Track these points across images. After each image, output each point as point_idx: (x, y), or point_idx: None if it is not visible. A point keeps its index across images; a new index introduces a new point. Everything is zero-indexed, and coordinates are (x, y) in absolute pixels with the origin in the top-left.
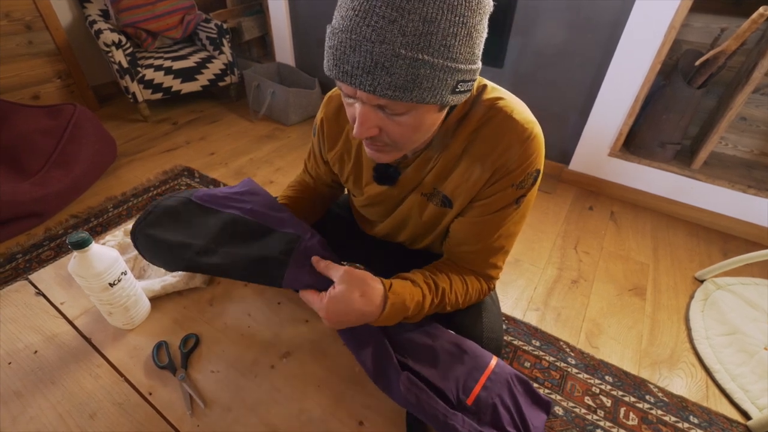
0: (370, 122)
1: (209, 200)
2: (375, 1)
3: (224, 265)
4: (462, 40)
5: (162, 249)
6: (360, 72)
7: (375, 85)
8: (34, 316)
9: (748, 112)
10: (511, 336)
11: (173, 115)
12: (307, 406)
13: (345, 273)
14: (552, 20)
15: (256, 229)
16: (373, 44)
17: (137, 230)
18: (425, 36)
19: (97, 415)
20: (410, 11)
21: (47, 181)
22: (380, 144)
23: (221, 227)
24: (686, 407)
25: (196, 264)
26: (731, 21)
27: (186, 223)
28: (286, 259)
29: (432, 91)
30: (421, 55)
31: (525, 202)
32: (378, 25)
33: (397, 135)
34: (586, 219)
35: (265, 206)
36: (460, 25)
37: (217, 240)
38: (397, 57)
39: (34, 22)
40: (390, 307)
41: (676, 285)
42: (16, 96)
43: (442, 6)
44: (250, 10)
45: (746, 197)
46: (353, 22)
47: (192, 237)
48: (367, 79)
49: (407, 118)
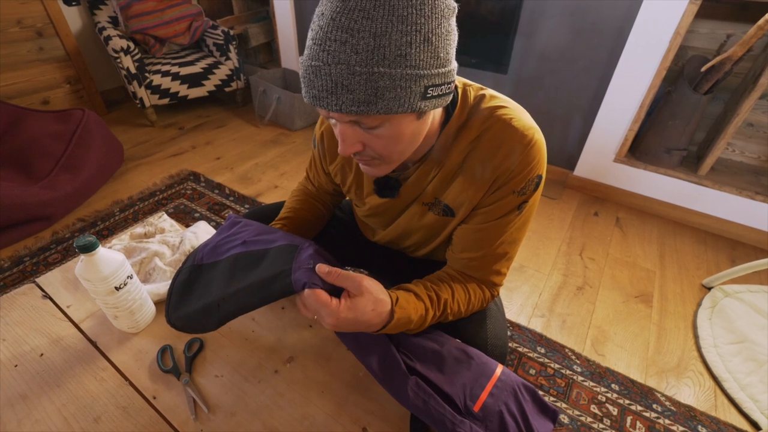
0: (351, 139)
1: (210, 256)
2: (328, 28)
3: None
4: (419, 46)
5: (196, 321)
6: (325, 94)
7: (339, 104)
8: (40, 319)
9: (755, 118)
10: (515, 343)
11: (180, 120)
12: (310, 411)
13: (363, 283)
14: (557, 26)
15: (255, 256)
16: (330, 66)
17: (171, 319)
18: (378, 50)
19: (102, 418)
20: (359, 30)
21: (55, 184)
22: (368, 158)
23: (228, 273)
24: (694, 417)
25: (225, 314)
26: (737, 27)
27: (200, 287)
28: (289, 267)
29: (397, 100)
30: (376, 68)
31: (527, 208)
32: (332, 49)
33: (379, 148)
34: (591, 225)
35: (256, 234)
36: (414, 33)
37: (228, 285)
38: (353, 74)
39: (45, 28)
40: (395, 321)
41: (683, 292)
42: (26, 101)
43: (392, 18)
44: (256, 17)
45: (754, 204)
46: (313, 51)
47: (210, 296)
48: (332, 100)
49: (384, 131)
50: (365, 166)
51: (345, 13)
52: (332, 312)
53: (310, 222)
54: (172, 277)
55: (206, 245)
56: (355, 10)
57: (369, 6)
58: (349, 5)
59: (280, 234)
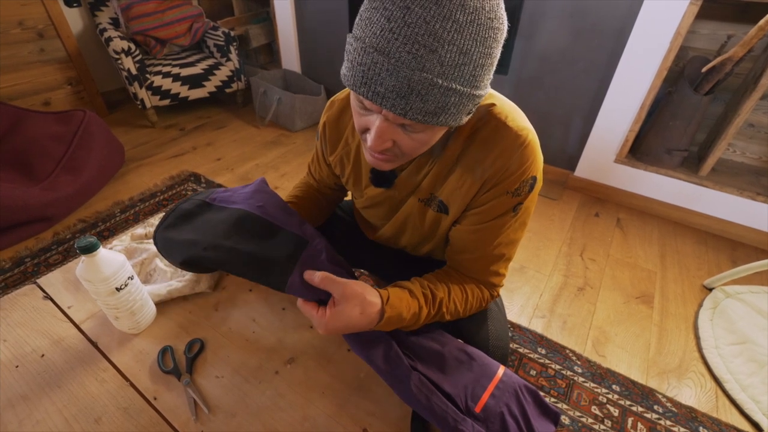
0: (387, 136)
1: (222, 200)
2: (416, 28)
3: (225, 259)
4: (487, 69)
5: (175, 249)
6: (394, 96)
7: (407, 109)
8: (41, 320)
9: (755, 118)
10: (516, 344)
11: (180, 121)
12: (311, 413)
13: (345, 289)
14: (557, 27)
15: (264, 225)
16: (413, 71)
17: (156, 233)
18: (460, 67)
19: (103, 419)
20: (449, 42)
21: (57, 185)
22: (390, 155)
23: (230, 223)
24: (696, 418)
25: (203, 259)
26: (738, 28)
27: (198, 222)
28: (291, 267)
29: (455, 116)
30: (454, 84)
31: (523, 209)
32: (419, 54)
33: (408, 148)
34: (592, 226)
35: (276, 206)
36: (487, 56)
37: (224, 235)
38: (433, 86)
39: (47, 30)
40: (386, 320)
41: (684, 293)
42: (27, 102)
43: (476, 38)
44: (257, 18)
45: (755, 204)
46: (392, 45)
47: (201, 235)
48: (400, 103)
49: (423, 135)
50: (378, 159)
51: (440, 20)
52: (320, 323)
53: (310, 211)
54: (178, 202)
55: (224, 191)
56: (450, 20)
57: (462, 20)
58: (443, 13)
59: (297, 219)
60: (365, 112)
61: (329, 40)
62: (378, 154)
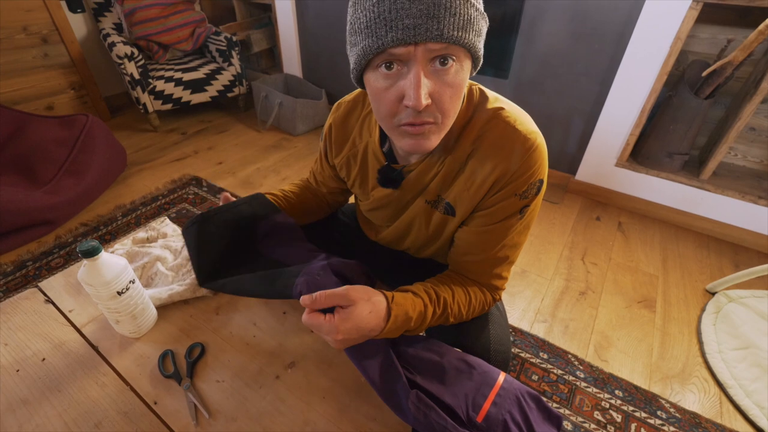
0: (425, 88)
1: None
2: None
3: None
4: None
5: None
6: (424, 20)
7: (442, 27)
8: (42, 324)
9: (756, 122)
10: (518, 348)
11: (182, 125)
12: (311, 417)
13: (349, 293)
14: (557, 30)
15: None
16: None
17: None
18: None
19: (103, 423)
20: None
21: (59, 189)
22: (430, 122)
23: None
24: (700, 424)
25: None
26: (738, 32)
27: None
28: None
29: (477, 36)
30: None
31: (529, 212)
32: None
33: (446, 99)
34: (593, 230)
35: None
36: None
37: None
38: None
39: (50, 35)
40: (393, 318)
41: (687, 297)
42: (31, 107)
43: None
44: (259, 23)
45: (757, 208)
46: None
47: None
48: (433, 24)
49: (454, 77)
50: (415, 137)
51: None
52: (332, 328)
53: (304, 207)
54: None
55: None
56: None
57: None
58: None
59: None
60: (394, 73)
61: (330, 44)
62: (419, 126)
